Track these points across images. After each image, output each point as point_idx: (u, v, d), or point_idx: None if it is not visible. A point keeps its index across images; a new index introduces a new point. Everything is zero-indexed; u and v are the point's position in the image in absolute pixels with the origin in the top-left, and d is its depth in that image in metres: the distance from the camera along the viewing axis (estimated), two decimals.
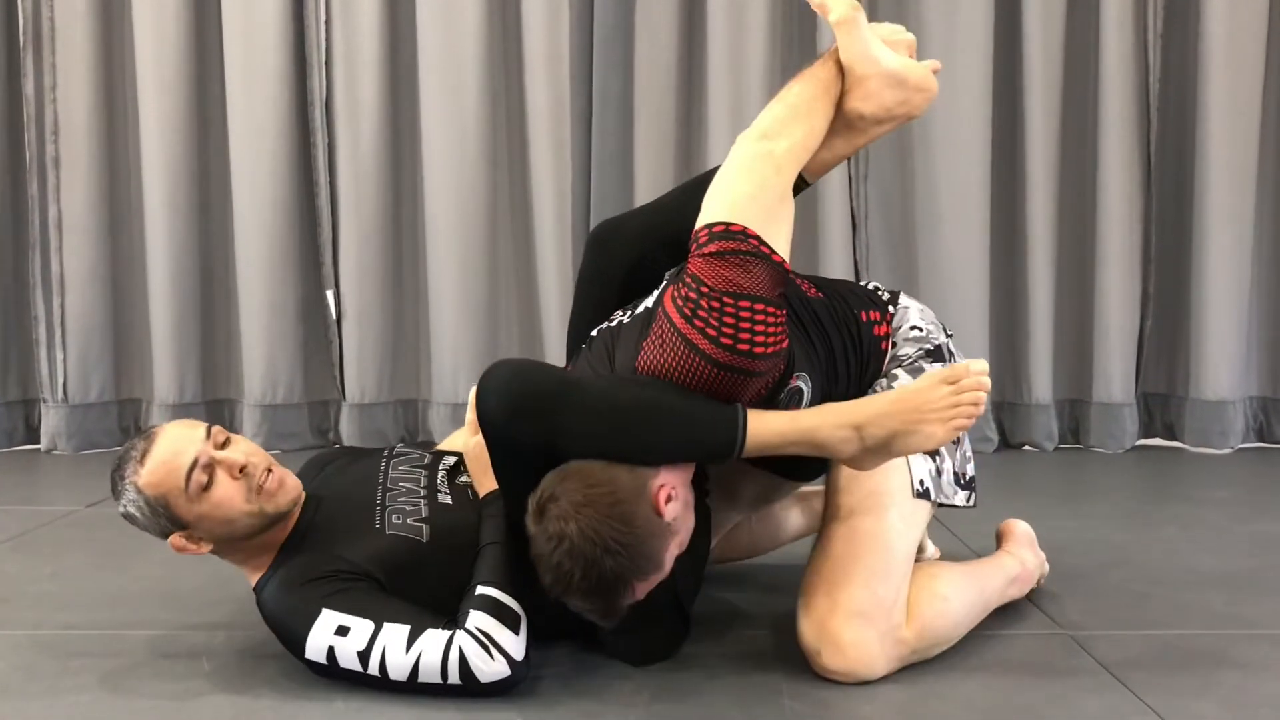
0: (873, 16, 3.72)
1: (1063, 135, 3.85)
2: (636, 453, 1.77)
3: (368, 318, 3.92)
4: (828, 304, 2.05)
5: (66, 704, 1.83)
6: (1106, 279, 3.82)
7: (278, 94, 3.85)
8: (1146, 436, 3.99)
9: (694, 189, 2.01)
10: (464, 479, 2.09)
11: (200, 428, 1.93)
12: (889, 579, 1.88)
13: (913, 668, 1.91)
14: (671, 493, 1.78)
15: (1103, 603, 2.28)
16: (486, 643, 1.80)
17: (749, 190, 1.82)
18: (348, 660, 1.82)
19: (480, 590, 1.86)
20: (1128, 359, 3.86)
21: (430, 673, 1.80)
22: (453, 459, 2.17)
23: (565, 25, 3.80)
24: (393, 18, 3.89)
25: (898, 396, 1.79)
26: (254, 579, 1.97)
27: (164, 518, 1.89)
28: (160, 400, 3.94)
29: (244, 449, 1.94)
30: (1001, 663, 1.84)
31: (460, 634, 1.81)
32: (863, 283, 2.19)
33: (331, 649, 1.82)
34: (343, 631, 1.82)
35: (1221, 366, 3.81)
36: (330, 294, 3.93)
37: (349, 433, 3.92)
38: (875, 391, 2.03)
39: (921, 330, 2.11)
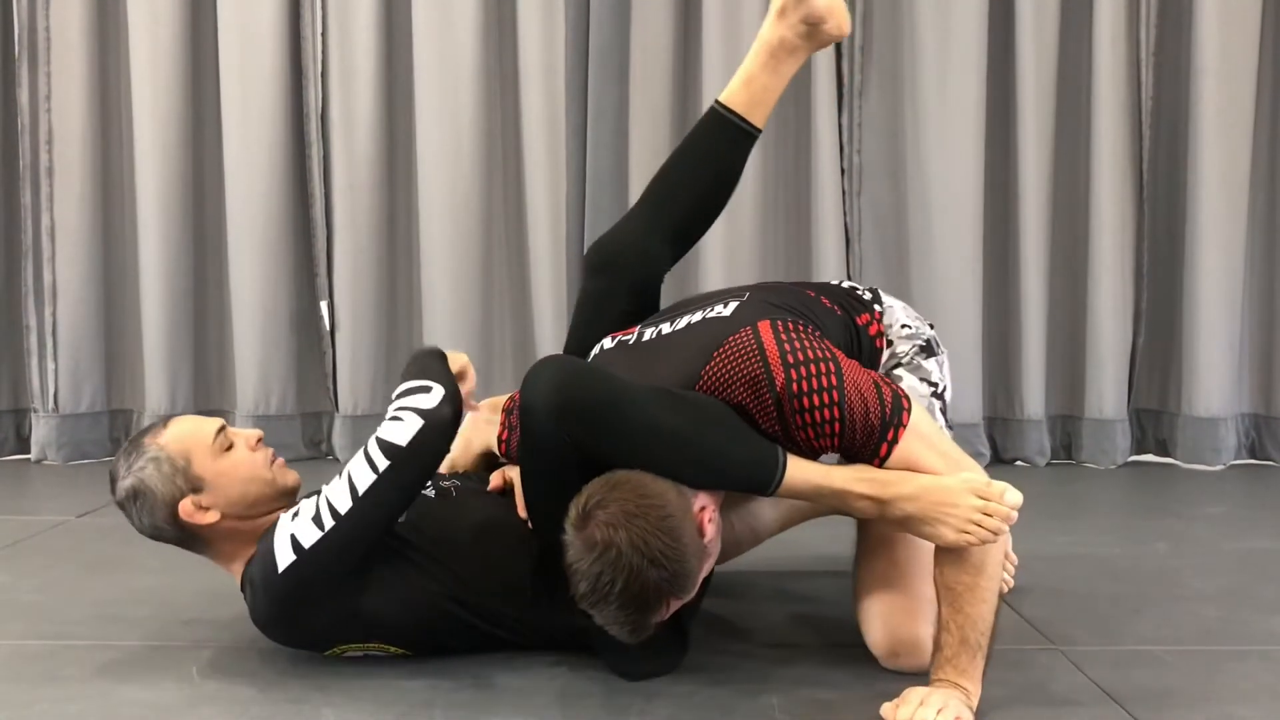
0: (868, 41, 3.80)
1: (1055, 152, 3.86)
2: (678, 474, 1.79)
3: (361, 329, 3.92)
4: (843, 321, 2.10)
5: (54, 714, 1.83)
6: (1099, 295, 3.83)
7: (273, 105, 3.85)
8: (1139, 452, 3.99)
9: (668, 177, 2.23)
10: (446, 483, 2.11)
11: (216, 418, 2.04)
12: (930, 576, 1.91)
13: (903, 680, 1.91)
14: (711, 515, 1.82)
15: (1094, 618, 2.28)
16: (397, 415, 1.89)
17: None
18: (309, 534, 1.85)
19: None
20: (1120, 375, 3.87)
21: (362, 475, 1.85)
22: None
23: (561, 38, 3.81)
24: (389, 30, 3.89)
25: (928, 486, 1.81)
26: (240, 575, 1.99)
27: (181, 476, 1.93)
28: (152, 410, 3.92)
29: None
30: (991, 677, 1.84)
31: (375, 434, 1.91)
32: (837, 282, 2.29)
33: (293, 536, 1.86)
34: (295, 515, 1.89)
35: (1214, 383, 3.81)
36: (324, 305, 3.93)
37: (342, 444, 3.91)
38: None
39: (911, 327, 2.17)
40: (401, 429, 1.88)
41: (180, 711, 1.83)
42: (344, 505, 1.85)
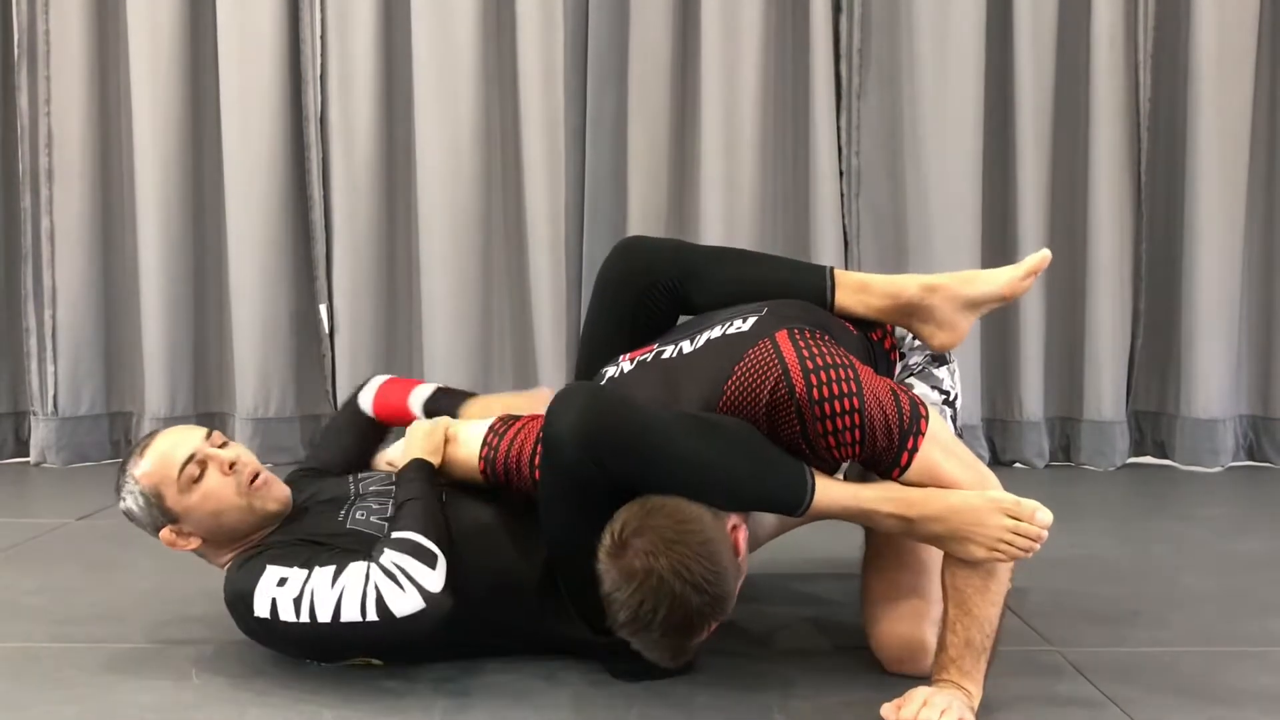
0: (866, 43, 3.80)
1: (1053, 154, 3.86)
2: (709, 500, 1.78)
3: (360, 332, 3.92)
4: (860, 339, 2.11)
5: (54, 715, 1.83)
6: (1097, 296, 3.83)
7: (272, 109, 3.85)
8: (1137, 454, 3.99)
9: (736, 256, 2.22)
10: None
11: (200, 430, 2.05)
12: (938, 579, 1.91)
13: (902, 683, 1.91)
14: (743, 533, 1.82)
15: (1093, 620, 2.29)
16: (399, 575, 1.84)
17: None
18: (287, 611, 1.86)
19: (395, 534, 1.90)
20: (1118, 377, 3.87)
21: (351, 609, 1.83)
22: None
23: (560, 42, 3.81)
24: (388, 34, 3.89)
25: (956, 506, 1.81)
26: None
27: (156, 509, 1.98)
28: (151, 413, 3.92)
29: (238, 452, 2.03)
30: (991, 679, 1.84)
31: (373, 567, 1.85)
32: None
33: (274, 601, 1.87)
34: (282, 583, 1.88)
35: (1212, 385, 3.82)
36: (323, 308, 3.93)
37: None
38: None
39: None
40: (402, 602, 1.83)
41: (180, 712, 1.84)
42: (325, 615, 1.85)
